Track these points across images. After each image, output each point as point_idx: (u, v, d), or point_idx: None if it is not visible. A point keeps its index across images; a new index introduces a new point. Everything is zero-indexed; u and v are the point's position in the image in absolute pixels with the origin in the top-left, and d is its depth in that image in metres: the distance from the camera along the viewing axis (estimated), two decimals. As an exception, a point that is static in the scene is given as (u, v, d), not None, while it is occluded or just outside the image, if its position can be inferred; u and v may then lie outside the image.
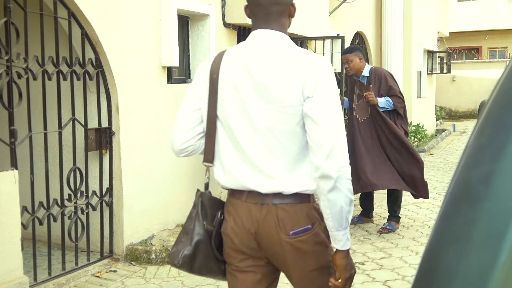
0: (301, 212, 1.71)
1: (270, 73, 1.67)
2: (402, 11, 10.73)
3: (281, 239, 1.70)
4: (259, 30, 1.76)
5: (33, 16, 3.72)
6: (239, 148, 1.73)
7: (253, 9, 1.77)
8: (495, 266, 0.62)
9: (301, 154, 1.70)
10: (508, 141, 0.68)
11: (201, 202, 1.85)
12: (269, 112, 1.67)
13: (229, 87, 1.73)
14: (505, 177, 0.66)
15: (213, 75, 1.76)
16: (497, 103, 0.74)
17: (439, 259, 0.66)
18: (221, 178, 1.80)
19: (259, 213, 1.71)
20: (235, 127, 1.73)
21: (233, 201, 1.78)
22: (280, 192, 1.69)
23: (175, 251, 1.80)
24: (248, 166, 1.72)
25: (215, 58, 1.80)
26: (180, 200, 4.96)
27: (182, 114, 1.83)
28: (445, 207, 0.72)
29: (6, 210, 3.24)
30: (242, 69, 1.71)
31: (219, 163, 1.80)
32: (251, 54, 1.72)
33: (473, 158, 0.72)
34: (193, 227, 1.80)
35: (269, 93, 1.67)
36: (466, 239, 0.65)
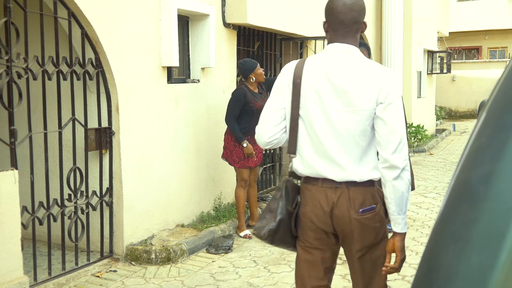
0: (368, 194, 2.07)
1: (348, 80, 2.02)
2: (402, 11, 10.72)
3: (351, 216, 2.05)
4: (337, 43, 2.10)
5: (33, 16, 3.72)
6: (318, 143, 2.08)
7: (335, 26, 2.09)
8: (495, 266, 0.62)
9: (368, 148, 2.07)
10: (508, 141, 0.68)
11: (286, 187, 2.21)
12: (347, 113, 2.02)
13: (311, 91, 2.07)
14: (505, 177, 0.66)
15: (296, 80, 2.10)
16: (497, 103, 0.74)
17: (439, 259, 0.66)
18: (299, 167, 2.15)
19: (334, 194, 2.07)
20: (316, 125, 2.07)
21: (309, 187, 2.13)
22: (351, 180, 2.05)
23: (260, 225, 2.19)
24: (325, 159, 2.07)
25: (297, 65, 2.15)
26: (180, 200, 4.96)
27: (268, 112, 2.18)
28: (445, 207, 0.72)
29: (6, 210, 3.24)
30: (323, 76, 2.05)
31: (298, 154, 2.15)
32: (331, 63, 2.06)
33: (473, 158, 0.72)
34: (277, 207, 2.18)
35: (347, 98, 2.01)
36: (466, 239, 0.65)
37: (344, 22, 2.07)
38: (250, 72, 4.95)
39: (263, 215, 2.22)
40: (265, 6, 5.67)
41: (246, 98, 4.87)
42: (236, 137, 4.87)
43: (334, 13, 2.09)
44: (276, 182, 7.08)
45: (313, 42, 7.04)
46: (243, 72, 4.99)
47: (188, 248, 4.47)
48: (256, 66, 4.97)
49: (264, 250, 4.65)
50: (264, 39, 6.61)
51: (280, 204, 2.18)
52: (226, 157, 5.02)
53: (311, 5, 6.79)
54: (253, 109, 4.90)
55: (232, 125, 4.86)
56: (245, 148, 4.86)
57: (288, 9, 6.20)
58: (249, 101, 4.88)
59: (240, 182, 5.02)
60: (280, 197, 2.19)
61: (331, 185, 2.07)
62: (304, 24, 6.62)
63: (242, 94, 4.88)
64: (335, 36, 2.11)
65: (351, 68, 2.04)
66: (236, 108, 4.86)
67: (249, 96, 4.91)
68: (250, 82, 4.98)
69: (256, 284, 3.90)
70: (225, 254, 4.56)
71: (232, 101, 4.91)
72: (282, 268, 4.21)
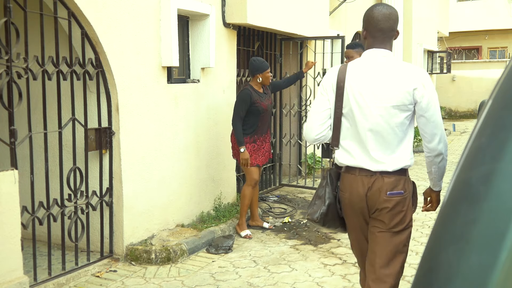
0: (399, 182, 2.39)
1: (386, 81, 2.34)
2: (402, 11, 10.72)
3: (381, 197, 2.37)
4: (375, 49, 2.43)
5: (33, 16, 3.72)
6: (358, 138, 2.40)
7: (374, 33, 2.42)
8: (495, 266, 0.62)
9: (403, 139, 2.40)
10: (508, 141, 0.68)
11: (329, 175, 2.56)
12: (386, 109, 2.34)
13: (353, 92, 2.38)
14: (505, 177, 0.66)
15: (339, 83, 2.41)
16: (497, 103, 0.74)
17: (439, 259, 0.66)
18: (340, 158, 2.47)
19: (369, 180, 2.39)
20: (358, 121, 2.38)
21: (348, 176, 2.45)
22: (385, 170, 2.37)
23: (312, 211, 2.56)
24: (363, 151, 2.39)
25: (340, 69, 2.45)
26: (180, 200, 4.96)
27: (316, 112, 2.49)
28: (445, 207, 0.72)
29: (6, 210, 3.24)
30: (364, 78, 2.38)
31: (341, 147, 2.47)
32: (370, 67, 2.40)
33: (473, 158, 0.72)
34: (325, 193, 2.53)
35: (386, 96, 2.33)
36: (466, 239, 0.65)
37: (382, 30, 2.41)
38: (259, 72, 4.96)
39: (313, 202, 2.58)
40: (265, 6, 5.67)
41: (252, 98, 4.89)
42: (238, 139, 4.88)
43: (374, 22, 2.41)
44: (276, 182, 7.08)
45: (313, 42, 7.04)
46: (252, 69, 4.99)
47: (188, 248, 4.47)
48: (267, 68, 5.00)
49: (264, 250, 4.66)
50: (264, 39, 6.61)
51: (327, 190, 2.53)
52: (236, 157, 5.09)
53: (311, 5, 6.79)
54: (259, 109, 4.93)
55: (237, 126, 4.87)
56: (242, 153, 4.88)
57: (288, 9, 6.20)
58: (255, 101, 4.90)
59: (250, 182, 5.04)
60: (326, 184, 2.54)
61: (367, 173, 2.39)
62: (304, 24, 6.62)
63: (248, 95, 4.89)
64: (373, 42, 2.44)
65: (388, 70, 2.36)
66: (243, 108, 4.87)
67: (255, 96, 4.92)
68: (256, 82, 5.00)
69: (256, 284, 3.90)
70: (225, 254, 4.56)
71: (238, 101, 4.93)
72: (282, 268, 4.21)
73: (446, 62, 13.58)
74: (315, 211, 2.54)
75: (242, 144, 4.87)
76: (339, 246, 4.75)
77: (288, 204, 6.22)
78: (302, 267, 4.22)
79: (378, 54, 2.42)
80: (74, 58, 3.94)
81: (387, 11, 2.41)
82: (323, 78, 2.53)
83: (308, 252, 4.59)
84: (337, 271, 4.15)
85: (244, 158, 4.89)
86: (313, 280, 3.97)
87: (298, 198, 6.57)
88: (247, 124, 4.94)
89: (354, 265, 4.26)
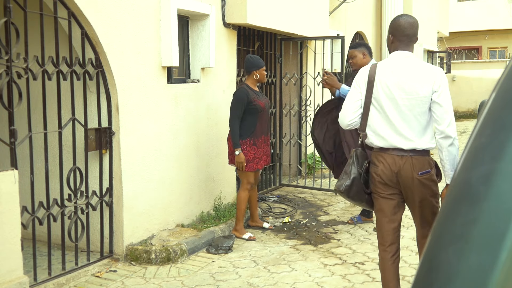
0: (425, 161, 2.87)
1: (410, 77, 2.85)
2: (402, 11, 10.72)
3: (413, 177, 2.85)
4: (400, 51, 2.95)
5: (33, 16, 3.72)
6: (389, 123, 2.89)
7: (401, 38, 2.94)
8: (495, 266, 0.62)
9: (426, 126, 2.87)
10: (508, 141, 0.68)
11: (356, 154, 3.07)
12: (410, 100, 2.84)
13: (382, 86, 2.90)
14: (505, 177, 0.66)
15: (370, 78, 2.93)
16: (497, 103, 0.74)
17: (439, 259, 0.66)
18: (374, 141, 2.95)
19: (401, 161, 2.87)
20: (387, 110, 2.88)
21: (381, 154, 2.94)
22: (415, 148, 2.85)
23: (339, 184, 3.05)
24: (395, 133, 2.87)
25: (371, 68, 2.97)
26: (180, 200, 4.96)
27: (350, 102, 3.00)
28: (445, 207, 0.72)
29: (6, 210, 3.24)
30: (391, 74, 2.89)
31: (372, 131, 2.95)
32: (396, 65, 2.91)
33: (473, 158, 0.72)
34: (351, 169, 3.03)
35: (410, 89, 2.83)
36: (466, 239, 0.65)
37: (408, 35, 2.94)
38: (256, 69, 4.87)
39: (341, 177, 3.07)
40: (265, 6, 5.67)
41: (249, 97, 4.77)
42: (234, 140, 4.75)
43: (401, 29, 2.94)
44: (276, 182, 7.08)
45: (313, 42, 7.04)
46: (249, 66, 4.89)
47: (188, 248, 4.47)
48: (263, 65, 4.93)
49: (264, 250, 4.66)
50: (264, 39, 6.61)
51: (353, 167, 3.04)
52: (233, 162, 4.91)
53: (311, 5, 6.79)
54: (257, 108, 4.82)
55: (235, 127, 4.74)
56: (237, 156, 4.74)
57: (288, 9, 6.20)
58: (252, 100, 4.78)
59: (246, 185, 4.94)
60: (352, 162, 3.05)
61: (399, 153, 2.87)
62: (304, 24, 6.62)
63: (244, 93, 4.78)
64: (399, 45, 2.96)
65: (411, 68, 2.87)
66: (240, 108, 4.75)
67: (252, 94, 4.81)
68: (252, 80, 4.90)
69: (256, 284, 3.90)
70: (225, 254, 4.56)
71: (235, 101, 4.81)
72: (282, 268, 4.21)
73: (446, 62, 13.59)
74: (342, 184, 3.02)
75: (238, 146, 4.74)
76: (339, 246, 4.75)
77: (288, 204, 6.22)
78: (302, 267, 4.22)
79: (402, 55, 2.94)
80: (74, 58, 3.94)
81: (412, 20, 2.97)
82: (357, 75, 3.03)
83: (308, 252, 4.59)
84: (337, 271, 4.15)
85: (239, 161, 4.75)
86: (313, 280, 3.97)
87: (298, 198, 6.57)
88: (245, 125, 4.81)
89: (354, 265, 4.26)
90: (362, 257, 4.45)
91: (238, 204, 4.98)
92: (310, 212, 5.93)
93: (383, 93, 2.88)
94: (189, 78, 5.22)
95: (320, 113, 5.08)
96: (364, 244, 4.80)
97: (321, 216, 5.79)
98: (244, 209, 4.98)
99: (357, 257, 4.46)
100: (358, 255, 4.51)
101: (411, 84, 2.83)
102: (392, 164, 2.88)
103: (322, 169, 7.40)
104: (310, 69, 7.04)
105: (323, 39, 6.79)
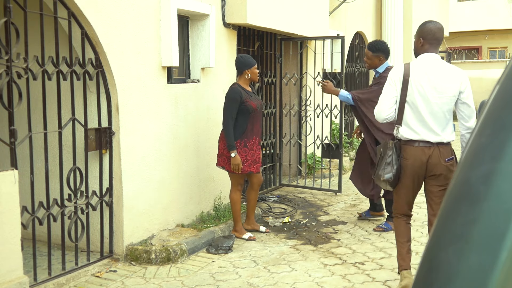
0: (448, 150, 3.41)
1: (440, 77, 3.30)
2: (402, 11, 10.73)
3: (441, 163, 3.37)
4: (430, 53, 3.38)
5: (33, 16, 3.72)
6: (420, 117, 3.34)
7: (431, 41, 3.38)
8: (495, 266, 0.62)
9: (449, 120, 3.37)
10: (508, 141, 0.68)
11: (395, 146, 3.45)
12: (440, 98, 3.31)
13: (416, 85, 3.32)
14: (505, 177, 0.66)
15: (405, 77, 3.34)
16: (497, 103, 0.74)
17: (439, 259, 0.66)
18: (405, 133, 3.40)
19: (429, 150, 3.36)
20: (419, 106, 3.32)
21: (410, 147, 3.40)
22: (441, 141, 3.36)
23: (385, 172, 3.43)
24: (424, 128, 3.34)
25: (405, 67, 3.38)
26: (180, 200, 4.96)
27: (386, 98, 3.41)
28: (445, 207, 0.72)
29: (6, 210, 3.24)
30: (424, 74, 3.33)
31: (405, 125, 3.39)
32: (428, 66, 3.34)
33: (473, 158, 0.72)
34: (392, 160, 3.41)
35: (442, 88, 3.30)
36: (466, 239, 0.65)
37: (437, 39, 3.38)
38: (247, 68, 4.77)
39: (384, 167, 3.44)
40: (265, 6, 5.67)
41: (242, 97, 4.68)
42: (229, 142, 4.63)
43: (432, 33, 3.37)
44: (276, 182, 7.07)
45: (313, 42, 7.04)
46: (240, 66, 4.81)
47: (188, 248, 4.47)
48: (254, 64, 4.83)
49: (264, 250, 4.66)
50: (264, 39, 6.61)
51: (394, 157, 3.41)
52: (222, 164, 4.81)
53: (311, 5, 6.79)
54: (249, 108, 4.70)
55: (229, 128, 4.63)
56: (233, 158, 4.63)
57: (288, 9, 6.20)
58: (244, 100, 4.68)
59: (236, 187, 4.89)
60: (393, 153, 3.42)
61: (426, 144, 3.35)
62: (304, 24, 6.62)
63: (238, 93, 4.68)
64: (429, 48, 3.38)
65: (441, 69, 3.32)
66: (233, 108, 4.65)
67: (244, 95, 4.71)
68: (244, 79, 4.80)
69: (256, 284, 3.90)
70: (225, 254, 4.56)
71: (228, 101, 4.70)
72: (282, 268, 4.21)
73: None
74: (388, 172, 3.41)
75: (233, 149, 4.62)
76: (339, 246, 4.75)
77: (288, 204, 6.22)
78: (302, 267, 4.22)
79: (432, 57, 3.36)
80: (74, 58, 3.94)
81: (439, 26, 3.44)
82: (391, 73, 3.42)
83: (308, 252, 4.59)
84: (337, 271, 4.15)
85: (236, 164, 4.64)
86: (313, 280, 3.97)
87: (298, 198, 6.57)
88: (236, 126, 4.68)
89: (354, 265, 4.27)
90: (362, 257, 4.45)
91: (231, 206, 4.95)
92: (310, 212, 5.93)
93: (417, 92, 3.32)
94: (189, 78, 5.22)
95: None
96: (364, 244, 4.80)
97: (321, 216, 5.79)
98: (238, 209, 4.94)
99: (357, 257, 4.46)
100: (358, 255, 4.51)
101: (442, 84, 3.27)
102: (421, 155, 3.36)
103: (322, 169, 7.40)
104: (310, 69, 7.04)
105: (323, 39, 6.79)
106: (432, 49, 3.36)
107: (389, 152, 3.42)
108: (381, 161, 3.49)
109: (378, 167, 3.50)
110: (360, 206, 6.17)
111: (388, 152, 3.43)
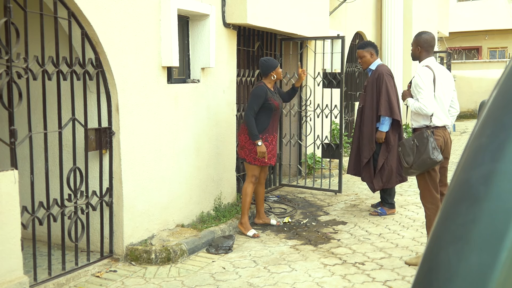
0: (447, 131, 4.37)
1: (448, 76, 4.28)
2: (402, 11, 10.72)
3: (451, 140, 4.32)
4: (432, 57, 4.26)
5: (33, 16, 3.72)
6: (443, 108, 4.21)
7: (427, 48, 4.24)
8: (495, 266, 0.62)
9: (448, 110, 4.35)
10: (508, 141, 0.68)
11: (428, 133, 4.06)
12: (450, 92, 4.28)
13: (441, 82, 4.18)
14: (505, 177, 0.66)
15: (434, 76, 4.13)
16: (497, 103, 0.74)
17: (439, 259, 0.66)
18: (437, 121, 4.19)
19: (447, 132, 4.28)
20: (443, 99, 4.21)
21: (439, 130, 4.20)
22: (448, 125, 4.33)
23: (434, 156, 4.00)
24: (446, 116, 4.26)
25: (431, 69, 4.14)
26: (180, 200, 4.96)
27: (431, 96, 4.11)
28: (445, 207, 0.72)
29: (6, 210, 3.24)
30: (442, 75, 4.22)
31: (435, 115, 4.16)
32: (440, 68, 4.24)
33: (473, 158, 0.72)
34: (435, 144, 4.04)
35: (451, 85, 4.29)
36: (466, 239, 0.65)
37: (432, 46, 4.28)
38: (272, 70, 5.07)
39: (432, 152, 4.01)
40: (265, 6, 5.67)
41: (267, 95, 4.98)
42: (252, 133, 4.91)
43: (428, 42, 4.22)
44: (276, 182, 7.07)
45: (313, 42, 7.04)
46: (266, 68, 5.08)
47: (188, 248, 4.47)
48: (277, 64, 5.14)
49: (264, 250, 4.66)
50: (264, 39, 6.61)
51: (435, 142, 4.03)
52: (244, 156, 5.08)
53: (311, 5, 6.79)
54: (272, 107, 5.01)
55: (251, 120, 4.92)
56: (259, 146, 4.91)
57: (288, 9, 6.20)
58: (269, 98, 4.99)
59: (251, 178, 5.08)
60: (430, 136, 4.03)
61: (445, 128, 4.25)
62: (304, 24, 6.62)
63: (264, 90, 4.98)
64: (427, 54, 4.25)
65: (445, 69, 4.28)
66: (257, 103, 4.94)
67: (269, 93, 5.02)
68: (270, 80, 5.11)
69: (256, 284, 3.90)
70: (225, 254, 4.56)
71: (253, 97, 4.99)
72: (282, 268, 4.21)
73: (446, 62, 13.59)
74: (439, 154, 4.01)
75: (258, 138, 4.91)
76: (339, 246, 4.75)
77: (288, 204, 6.22)
78: (302, 267, 4.23)
79: (434, 60, 4.26)
80: (74, 58, 3.94)
81: (432, 35, 4.30)
82: (426, 74, 4.11)
83: (308, 252, 4.59)
84: (337, 271, 4.15)
85: (262, 151, 4.92)
86: (313, 280, 3.97)
87: (298, 198, 6.57)
88: (259, 122, 4.99)
89: (354, 265, 4.27)
90: (362, 257, 4.45)
91: (243, 197, 5.10)
92: (310, 212, 5.93)
93: (440, 88, 4.17)
94: (189, 78, 5.22)
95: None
96: (364, 244, 4.80)
97: (321, 216, 5.79)
98: (249, 202, 5.07)
99: (357, 257, 4.46)
100: (358, 255, 4.52)
101: (451, 81, 4.28)
102: (444, 135, 4.23)
103: (322, 169, 7.40)
104: (310, 69, 7.04)
105: (323, 39, 6.79)
106: (430, 54, 4.26)
107: (430, 139, 4.02)
108: (422, 148, 4.00)
109: (419, 154, 4.01)
110: (360, 206, 6.17)
111: (430, 139, 4.02)
